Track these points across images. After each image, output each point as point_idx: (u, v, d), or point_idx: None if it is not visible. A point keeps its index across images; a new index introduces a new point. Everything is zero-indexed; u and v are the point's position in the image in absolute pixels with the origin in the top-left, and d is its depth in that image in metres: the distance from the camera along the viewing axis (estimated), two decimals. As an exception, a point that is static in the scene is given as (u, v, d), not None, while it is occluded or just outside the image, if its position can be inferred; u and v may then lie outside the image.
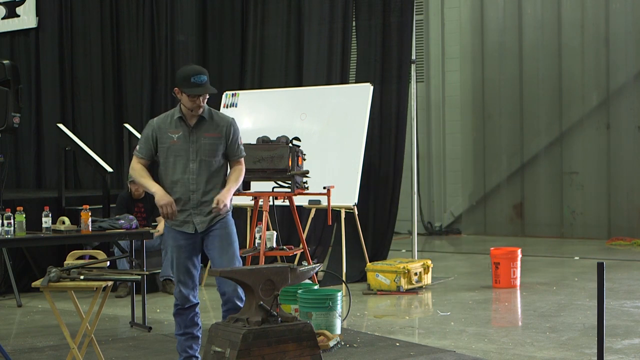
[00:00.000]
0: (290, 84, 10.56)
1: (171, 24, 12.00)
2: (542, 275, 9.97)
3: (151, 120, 5.40)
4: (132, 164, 5.39)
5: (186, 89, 5.15)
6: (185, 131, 5.24)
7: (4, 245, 7.56)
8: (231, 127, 5.29)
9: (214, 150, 5.24)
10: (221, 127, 5.27)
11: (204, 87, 5.17)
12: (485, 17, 14.78)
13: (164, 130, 5.27)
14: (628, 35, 13.44)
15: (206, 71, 5.26)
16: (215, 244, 5.26)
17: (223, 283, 5.21)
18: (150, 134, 5.29)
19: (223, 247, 5.25)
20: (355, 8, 10.33)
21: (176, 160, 5.24)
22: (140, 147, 5.34)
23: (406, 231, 13.89)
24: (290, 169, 7.55)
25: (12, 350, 6.48)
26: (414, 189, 10.14)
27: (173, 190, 5.25)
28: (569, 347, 6.34)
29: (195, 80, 5.14)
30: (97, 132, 12.85)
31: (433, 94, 15.31)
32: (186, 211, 5.26)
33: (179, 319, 5.34)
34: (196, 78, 5.15)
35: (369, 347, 6.42)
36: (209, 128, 5.25)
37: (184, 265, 5.28)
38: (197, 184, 5.23)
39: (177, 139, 5.24)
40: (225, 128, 5.27)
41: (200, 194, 5.22)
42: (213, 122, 5.27)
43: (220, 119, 5.31)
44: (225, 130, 5.27)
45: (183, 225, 5.27)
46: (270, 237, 7.73)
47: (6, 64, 8.94)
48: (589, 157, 13.87)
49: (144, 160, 5.33)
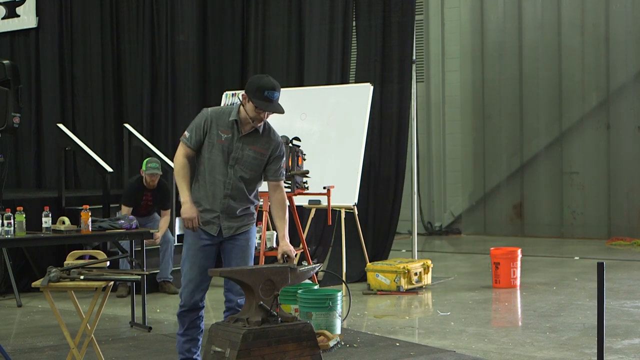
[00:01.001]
0: (291, 84, 10.56)
1: (171, 24, 12.00)
2: (542, 275, 9.97)
3: (205, 110, 5.23)
4: (177, 154, 5.18)
5: (256, 100, 4.99)
6: (235, 136, 5.12)
7: (4, 245, 7.55)
8: (279, 146, 5.19)
9: (255, 164, 5.14)
10: (269, 144, 5.17)
11: (274, 105, 5.04)
12: (485, 17, 14.78)
13: (216, 126, 5.13)
14: (628, 35, 13.45)
15: (280, 87, 5.12)
16: (237, 254, 5.19)
17: (231, 291, 5.19)
18: (202, 124, 5.14)
19: (244, 260, 5.19)
20: (355, 8, 10.33)
21: (216, 160, 5.12)
22: (190, 136, 5.15)
23: (406, 231, 13.89)
24: (290, 169, 7.55)
25: (12, 350, 6.48)
26: (414, 189, 10.15)
27: (206, 187, 5.15)
28: (569, 347, 6.34)
29: (268, 95, 5.00)
30: (97, 132, 12.85)
31: (433, 94, 15.32)
32: (214, 212, 5.14)
33: (181, 319, 5.27)
34: (270, 93, 5.01)
35: (369, 347, 6.42)
36: (258, 142, 5.14)
37: (199, 265, 5.17)
38: (232, 189, 5.11)
39: (224, 140, 5.11)
40: (273, 147, 5.17)
41: (231, 201, 5.12)
42: (264, 138, 5.16)
43: (272, 137, 5.20)
44: (272, 149, 5.17)
45: (207, 225, 5.16)
46: (270, 237, 7.72)
47: (6, 64, 8.94)
48: (589, 157, 13.88)
49: (190, 150, 5.15)
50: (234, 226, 5.17)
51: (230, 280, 5.11)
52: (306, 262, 7.95)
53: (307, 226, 9.52)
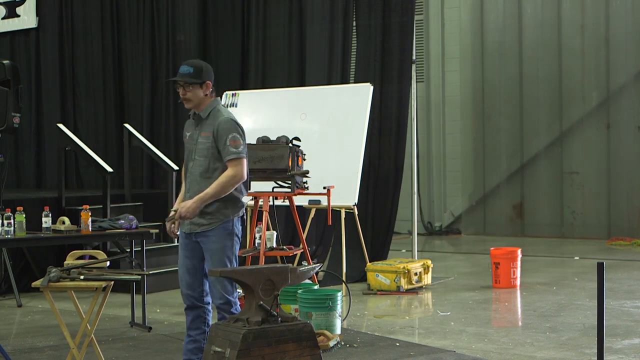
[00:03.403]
0: (292, 84, 10.56)
1: (172, 24, 12.00)
2: (542, 275, 9.97)
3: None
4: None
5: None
6: (194, 130, 5.24)
7: (4, 245, 7.56)
8: (220, 124, 5.10)
9: (205, 149, 5.13)
10: (212, 126, 5.14)
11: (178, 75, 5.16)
12: (485, 17, 14.78)
13: (185, 129, 5.34)
14: (628, 35, 13.44)
15: (194, 64, 5.19)
16: (207, 256, 5.15)
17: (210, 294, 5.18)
18: (184, 134, 5.36)
19: (213, 264, 5.09)
20: (355, 8, 10.33)
21: (187, 159, 5.26)
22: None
23: (406, 231, 13.89)
24: (290, 169, 7.55)
25: (12, 350, 6.48)
26: (414, 189, 10.15)
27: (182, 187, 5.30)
28: (569, 347, 6.34)
29: (180, 70, 5.17)
30: (97, 132, 12.85)
31: (433, 94, 15.31)
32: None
33: (186, 316, 5.29)
34: (180, 68, 5.18)
35: (369, 347, 6.42)
36: (204, 127, 5.17)
37: (183, 263, 5.23)
38: (190, 182, 5.18)
39: (189, 137, 5.25)
40: (214, 127, 5.12)
41: (192, 194, 5.12)
42: (208, 121, 5.17)
43: (216, 118, 5.16)
44: (214, 129, 5.12)
45: (182, 224, 5.23)
46: (270, 237, 7.72)
47: (6, 64, 8.94)
48: (589, 157, 13.88)
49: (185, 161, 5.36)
50: (197, 222, 5.11)
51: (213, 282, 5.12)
52: (306, 262, 7.96)
53: (307, 226, 9.52)
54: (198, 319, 5.24)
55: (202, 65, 5.22)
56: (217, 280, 5.06)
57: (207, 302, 5.26)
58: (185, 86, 5.13)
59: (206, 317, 5.26)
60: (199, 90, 5.15)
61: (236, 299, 5.16)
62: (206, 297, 5.25)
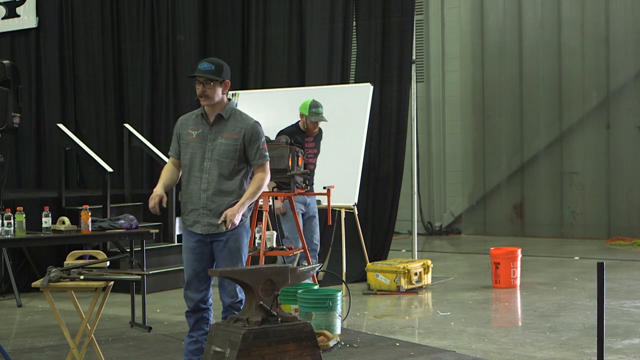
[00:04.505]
0: (293, 84, 10.56)
1: (172, 24, 12.00)
2: (542, 275, 9.97)
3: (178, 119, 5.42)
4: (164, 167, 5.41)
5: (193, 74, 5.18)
6: (205, 129, 5.19)
7: (4, 245, 7.56)
8: (251, 129, 5.15)
9: (231, 151, 5.12)
10: (240, 129, 5.15)
11: (198, 71, 5.15)
12: (485, 17, 14.78)
13: (186, 127, 5.25)
14: (628, 35, 13.44)
15: (214, 61, 5.19)
16: (225, 255, 5.15)
17: (223, 293, 5.18)
18: (176, 132, 5.30)
19: (233, 262, 5.13)
20: (355, 8, 10.33)
21: (194, 158, 5.17)
22: (172, 146, 5.33)
23: (406, 231, 13.89)
24: (290, 169, 7.54)
25: (12, 350, 6.48)
26: (414, 189, 10.15)
27: (188, 187, 5.20)
28: (569, 347, 6.34)
29: (198, 67, 5.15)
30: (97, 132, 12.84)
31: (433, 94, 15.31)
32: (196, 210, 5.17)
33: (187, 320, 5.28)
34: (199, 65, 5.15)
35: (369, 347, 6.42)
36: (226, 128, 5.16)
37: (193, 267, 5.18)
38: (209, 182, 5.12)
39: (196, 136, 5.18)
40: (245, 131, 5.14)
41: (211, 194, 5.11)
42: (230, 122, 5.17)
43: (240, 120, 5.19)
44: (244, 133, 5.14)
45: (193, 225, 5.18)
46: (270, 237, 7.71)
47: (6, 64, 8.94)
48: (589, 157, 13.88)
49: (174, 159, 5.31)
50: (214, 224, 5.12)
51: (224, 281, 5.12)
52: (306, 262, 7.95)
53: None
54: (201, 320, 5.25)
55: (223, 64, 5.22)
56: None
57: (210, 304, 5.28)
58: (205, 83, 5.12)
59: (209, 318, 5.27)
60: (218, 88, 5.16)
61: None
62: (209, 299, 5.26)
